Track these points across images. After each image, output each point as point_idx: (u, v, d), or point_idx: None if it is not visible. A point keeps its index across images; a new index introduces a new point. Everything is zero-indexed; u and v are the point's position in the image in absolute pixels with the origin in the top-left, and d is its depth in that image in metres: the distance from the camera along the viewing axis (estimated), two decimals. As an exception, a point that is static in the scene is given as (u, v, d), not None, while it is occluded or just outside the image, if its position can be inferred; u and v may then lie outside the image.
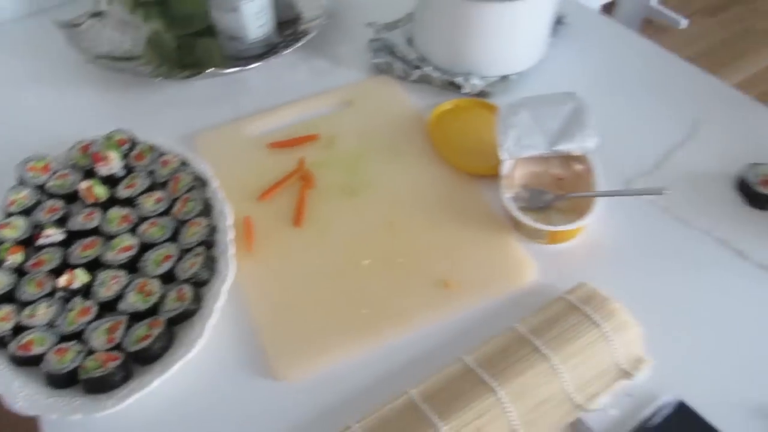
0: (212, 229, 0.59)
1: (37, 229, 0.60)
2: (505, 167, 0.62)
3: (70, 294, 0.55)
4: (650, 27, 2.24)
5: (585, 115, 0.62)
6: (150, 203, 0.62)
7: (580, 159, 0.62)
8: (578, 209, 0.59)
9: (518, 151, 0.61)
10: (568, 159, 0.63)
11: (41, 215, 0.62)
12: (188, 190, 0.62)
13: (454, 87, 0.74)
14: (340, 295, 0.56)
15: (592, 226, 0.60)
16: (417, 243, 0.60)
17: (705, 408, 0.47)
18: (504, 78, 0.74)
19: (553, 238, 0.59)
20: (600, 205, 0.59)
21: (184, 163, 0.66)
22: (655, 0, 2.22)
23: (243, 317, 0.55)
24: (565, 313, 0.51)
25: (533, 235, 0.59)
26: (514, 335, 0.51)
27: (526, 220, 0.58)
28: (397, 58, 0.78)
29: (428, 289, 0.56)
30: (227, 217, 0.60)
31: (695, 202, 0.62)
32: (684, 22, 2.21)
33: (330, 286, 0.57)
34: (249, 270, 0.58)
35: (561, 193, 0.62)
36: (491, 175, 0.62)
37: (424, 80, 0.76)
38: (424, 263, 0.58)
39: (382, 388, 0.50)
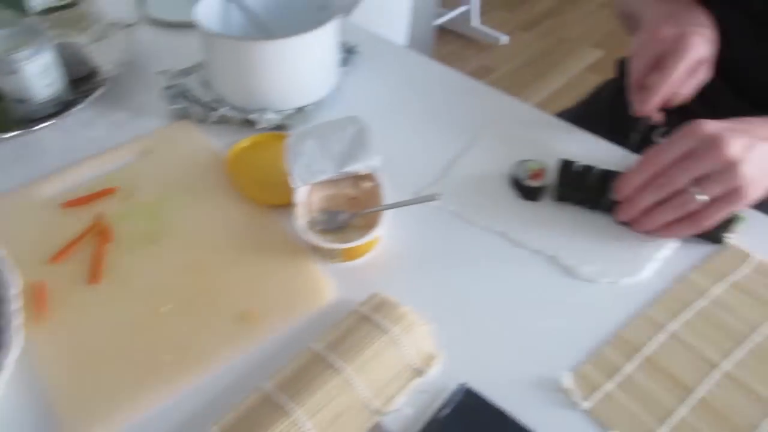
0: (-3, 301, 0.56)
1: None
2: (299, 195, 0.64)
3: None
4: (475, 45, 2.40)
5: (367, 136, 0.66)
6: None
7: (368, 177, 0.66)
8: (373, 224, 0.62)
9: (309, 177, 0.64)
10: (358, 179, 0.66)
11: None
12: (-31, 264, 0.59)
13: (251, 124, 0.76)
14: (139, 345, 0.55)
15: (387, 238, 0.64)
16: (218, 281, 0.61)
17: (489, 389, 0.51)
18: (300, 109, 0.77)
19: (349, 255, 0.62)
20: (390, 217, 0.62)
21: (-35, 236, 0.62)
22: (477, 21, 2.39)
23: (37, 385, 0.53)
24: (356, 325, 0.54)
25: (330, 255, 0.62)
26: (309, 354, 0.52)
27: (318, 241, 0.60)
28: (193, 102, 0.78)
29: (229, 325, 0.57)
30: (13, 286, 0.57)
31: (477, 202, 0.67)
32: (504, 39, 2.39)
33: (129, 337, 0.56)
34: (43, 336, 0.56)
35: (355, 211, 0.65)
36: (290, 204, 0.65)
37: (223, 121, 0.77)
38: (225, 300, 0.59)
39: (188, 430, 0.49)
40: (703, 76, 0.68)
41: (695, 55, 0.65)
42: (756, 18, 0.80)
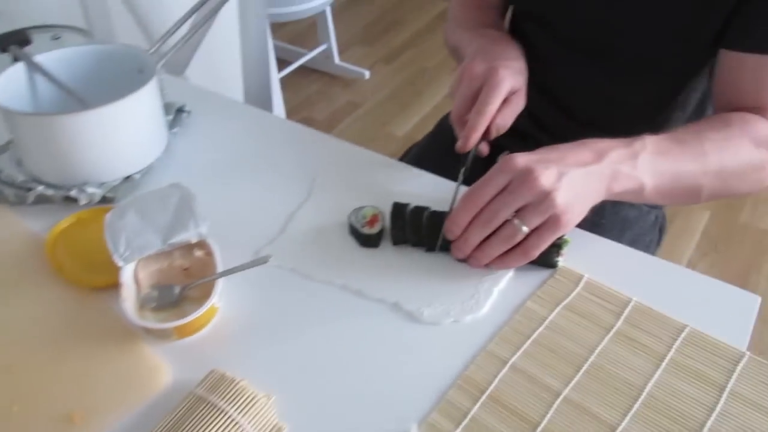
0: None
1: None
2: (125, 273, 0.59)
3: None
4: (340, 82, 2.43)
5: (193, 202, 0.63)
6: None
7: (200, 245, 0.63)
8: (209, 295, 0.59)
9: (132, 254, 0.60)
10: (189, 248, 0.63)
11: None
12: None
13: (74, 201, 0.71)
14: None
15: (224, 307, 0.60)
16: (39, 382, 0.55)
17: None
18: (127, 179, 0.73)
19: (183, 331, 0.58)
20: (225, 285, 0.59)
21: None
22: (337, 58, 2.42)
23: None
24: (192, 409, 0.50)
25: (162, 335, 0.58)
26: (138, 454, 0.48)
27: (146, 322, 0.56)
28: (6, 184, 0.72)
29: (52, 430, 0.51)
30: None
31: (317, 256, 0.65)
32: (367, 74, 2.43)
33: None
34: None
35: (188, 282, 0.61)
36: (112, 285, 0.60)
37: (42, 200, 0.71)
38: (46, 403, 0.53)
39: None
40: (518, 105, 0.71)
41: (506, 88, 0.68)
42: (565, 43, 0.85)
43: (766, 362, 0.55)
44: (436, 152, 0.99)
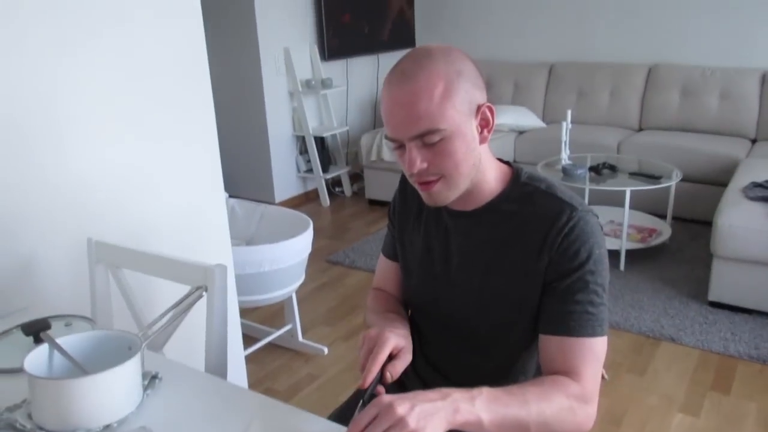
0: None
1: None
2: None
3: None
4: (302, 357, 2.74)
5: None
6: None
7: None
8: None
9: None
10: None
11: None
12: None
13: (65, 443, 0.97)
14: None
15: None
16: None
17: None
18: (107, 426, 1.00)
19: None
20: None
21: None
22: (300, 336, 2.77)
23: None
24: None
25: None
26: None
27: None
28: (18, 431, 0.99)
29: None
30: None
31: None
32: (326, 350, 2.77)
33: None
34: None
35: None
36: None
37: (42, 443, 0.97)
38: None
39: None
40: (405, 360, 1.04)
41: (391, 344, 1.02)
42: (439, 328, 1.22)
43: None
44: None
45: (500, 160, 1.17)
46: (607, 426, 2.19)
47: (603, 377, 1.11)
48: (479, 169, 1.09)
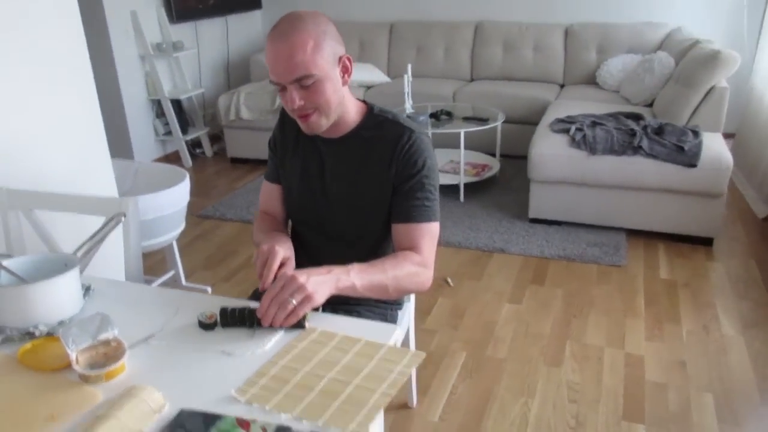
0: None
1: None
2: (73, 357, 1.12)
3: None
4: (187, 299, 2.99)
5: (109, 319, 1.18)
6: None
7: (113, 340, 1.17)
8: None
9: (74, 345, 1.13)
10: (107, 342, 1.17)
11: None
12: None
13: (30, 334, 1.22)
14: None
15: (129, 366, 1.14)
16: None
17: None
18: (61, 322, 1.26)
19: (108, 377, 1.10)
20: (129, 356, 1.14)
21: None
22: (184, 280, 3.01)
23: None
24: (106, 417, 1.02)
25: (97, 379, 1.10)
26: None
27: (89, 372, 1.08)
28: (-15, 332, 1.22)
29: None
30: None
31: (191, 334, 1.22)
32: (209, 289, 3.04)
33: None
34: None
35: (107, 360, 1.14)
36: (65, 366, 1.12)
37: (8, 341, 1.22)
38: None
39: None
40: (291, 267, 1.38)
41: (281, 255, 1.36)
42: (318, 232, 1.59)
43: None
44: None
45: (357, 98, 1.55)
46: (453, 319, 2.71)
47: (449, 284, 1.56)
48: (343, 105, 1.46)
